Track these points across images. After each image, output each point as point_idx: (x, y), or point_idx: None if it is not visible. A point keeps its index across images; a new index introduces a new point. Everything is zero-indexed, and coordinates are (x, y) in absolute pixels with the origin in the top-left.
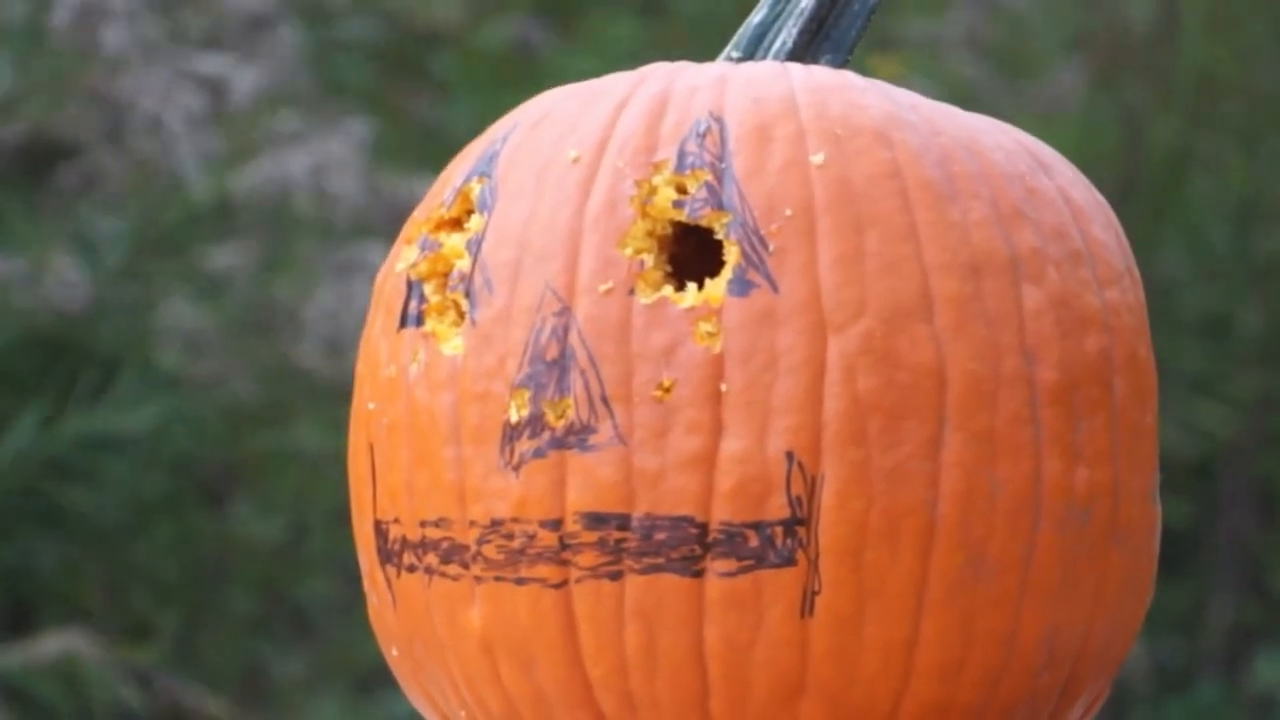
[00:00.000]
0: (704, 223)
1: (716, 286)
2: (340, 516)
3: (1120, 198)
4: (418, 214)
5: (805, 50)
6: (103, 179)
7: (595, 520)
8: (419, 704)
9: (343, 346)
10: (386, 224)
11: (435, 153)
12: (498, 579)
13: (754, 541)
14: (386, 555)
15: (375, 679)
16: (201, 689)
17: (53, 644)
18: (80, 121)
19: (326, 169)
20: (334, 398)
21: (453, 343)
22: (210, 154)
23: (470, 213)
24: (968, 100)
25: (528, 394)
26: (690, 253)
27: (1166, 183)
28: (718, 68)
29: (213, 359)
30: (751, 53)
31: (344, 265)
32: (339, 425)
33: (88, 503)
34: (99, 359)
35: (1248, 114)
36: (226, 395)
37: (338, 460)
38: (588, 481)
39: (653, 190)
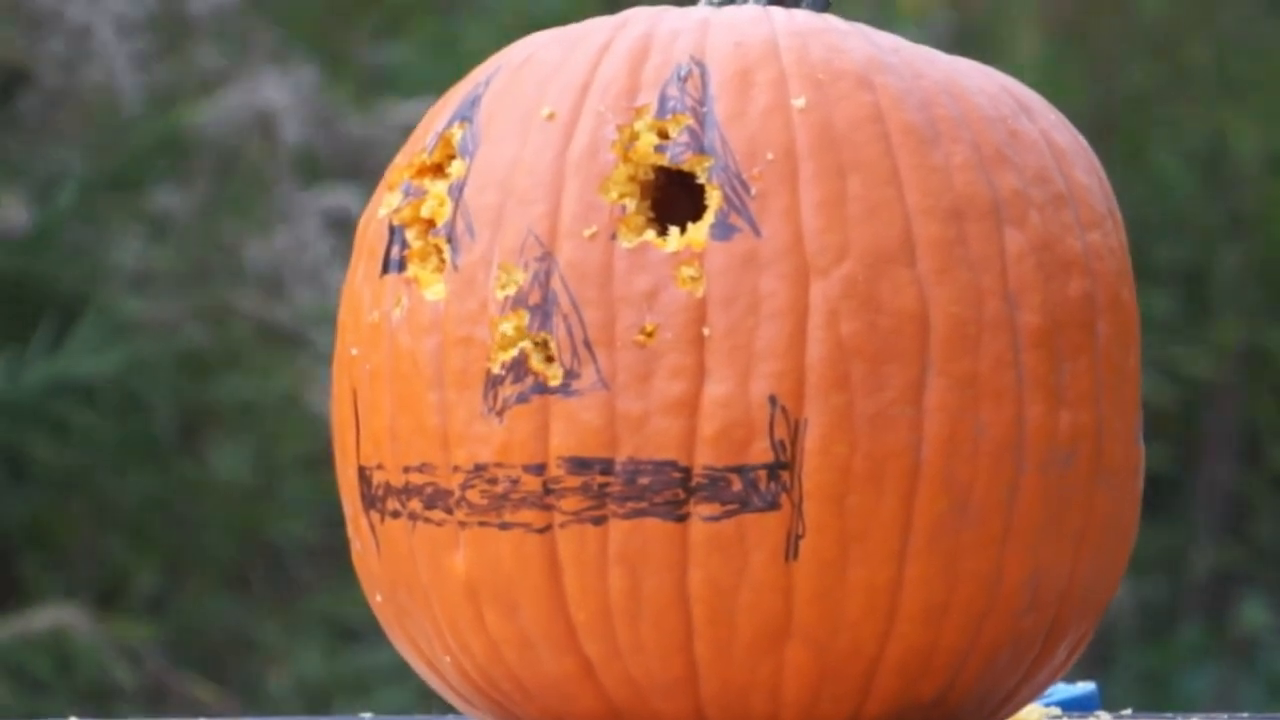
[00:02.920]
0: (686, 167)
1: (699, 231)
2: (311, 462)
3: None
4: (400, 159)
5: None
6: (58, 111)
7: (579, 465)
8: (403, 650)
9: (287, 290)
10: (340, 164)
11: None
12: (481, 524)
13: (737, 485)
14: (370, 501)
15: (360, 627)
16: (191, 674)
17: (44, 617)
18: (32, 47)
19: (274, 114)
20: (279, 341)
21: (435, 288)
22: (158, 85)
23: (452, 158)
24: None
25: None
26: (672, 197)
27: (1135, 132)
28: (700, 11)
29: (165, 302)
30: None
31: (294, 209)
32: (291, 369)
33: (53, 451)
34: (53, 301)
35: (1215, 63)
36: (182, 340)
37: (300, 406)
38: (571, 426)
39: (635, 135)
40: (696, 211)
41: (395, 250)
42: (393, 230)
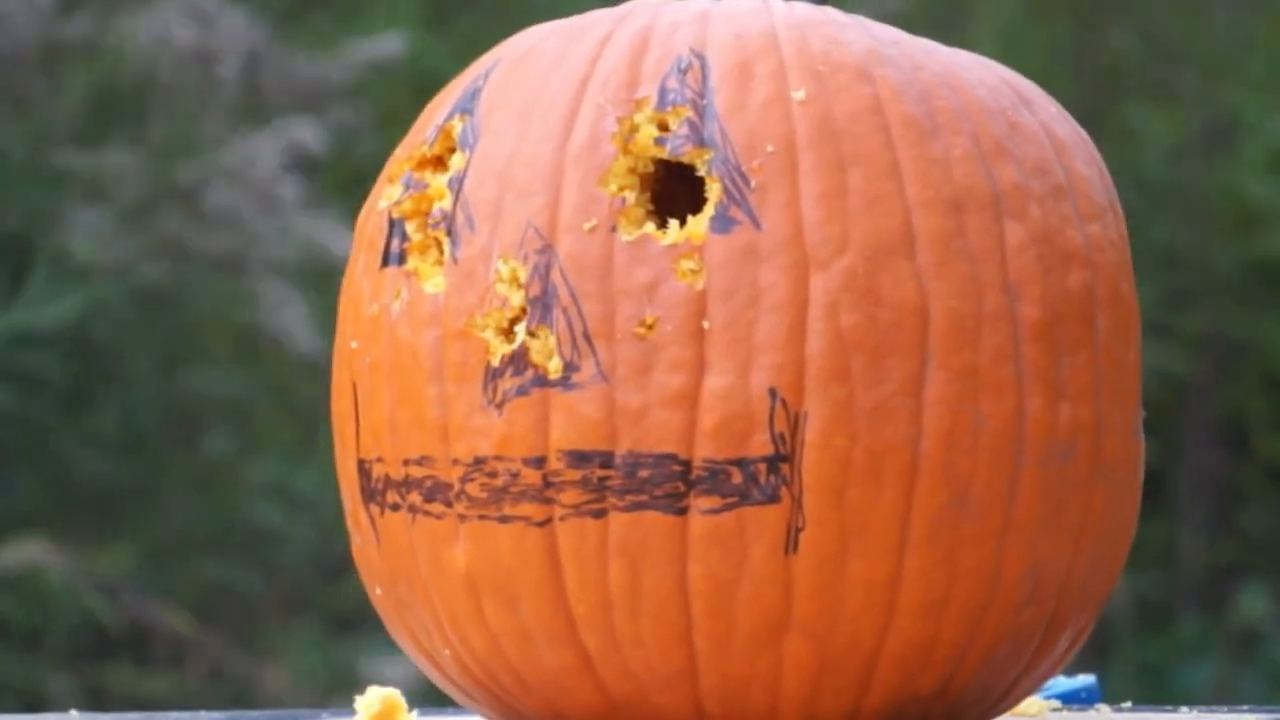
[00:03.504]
0: (686, 159)
1: (698, 223)
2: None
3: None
4: (400, 151)
5: None
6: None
7: (578, 458)
8: (403, 643)
9: (243, 218)
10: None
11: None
12: (481, 517)
13: (737, 478)
14: (370, 494)
15: (357, 619)
16: (167, 603)
17: (16, 554)
18: None
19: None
20: (237, 272)
21: (435, 281)
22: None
23: (452, 150)
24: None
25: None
26: (672, 190)
27: (1108, 117)
28: (700, 4)
29: (118, 248)
30: None
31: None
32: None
33: (15, 403)
34: (7, 254)
35: (1188, 42)
36: (138, 279)
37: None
38: (571, 419)
39: (634, 127)
40: (696, 204)
41: (395, 243)
42: (392, 223)
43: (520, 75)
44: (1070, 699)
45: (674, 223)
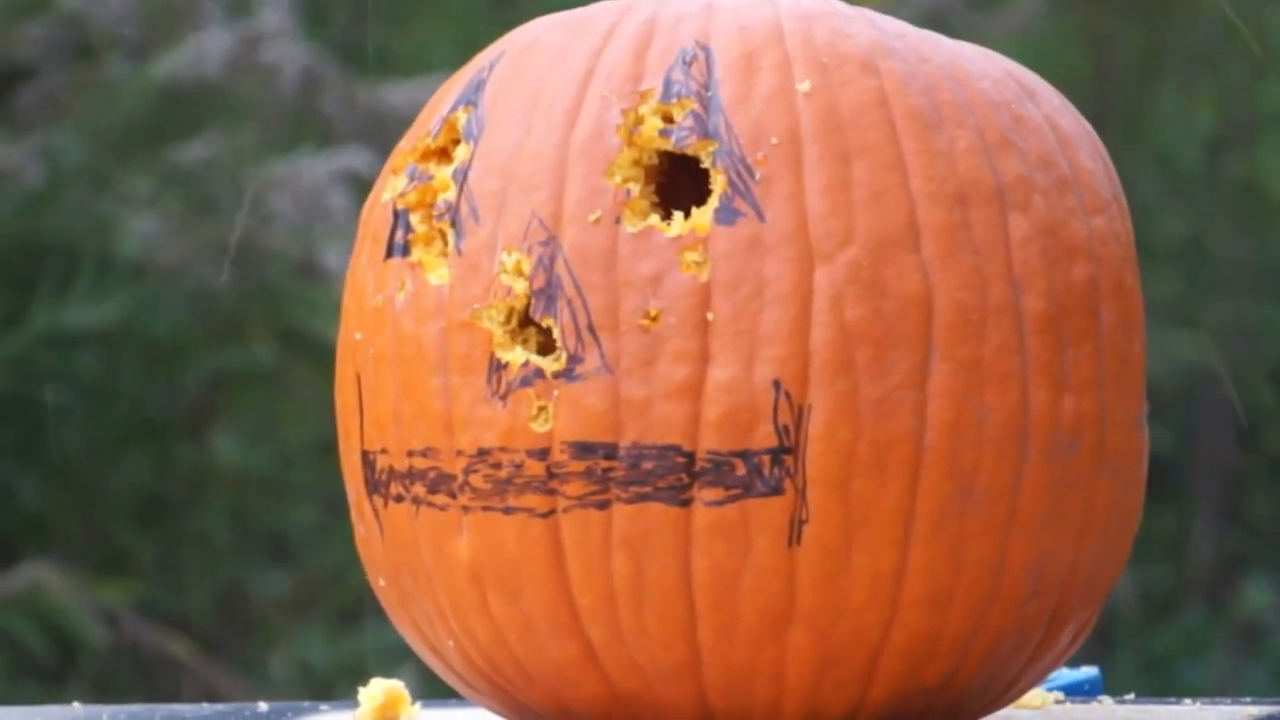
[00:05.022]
0: (690, 151)
1: (703, 215)
2: (319, 445)
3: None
4: (404, 144)
5: None
6: (61, 100)
7: (582, 449)
8: (407, 634)
9: (305, 227)
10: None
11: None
12: (485, 508)
13: (741, 470)
14: (374, 485)
15: (361, 608)
16: (168, 630)
17: (22, 576)
18: (38, 41)
19: (258, 40)
20: (298, 279)
21: (439, 272)
22: (143, 41)
23: (457, 142)
24: (932, 24)
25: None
26: (677, 182)
27: (1135, 107)
28: None
29: (175, 249)
30: None
31: (290, 141)
32: (306, 313)
33: (58, 400)
34: (60, 255)
35: (1217, 33)
36: (192, 280)
37: (305, 381)
38: (575, 411)
39: (639, 119)
40: (701, 196)
41: (399, 234)
42: (397, 215)
43: (525, 67)
44: (1073, 691)
45: (678, 215)
